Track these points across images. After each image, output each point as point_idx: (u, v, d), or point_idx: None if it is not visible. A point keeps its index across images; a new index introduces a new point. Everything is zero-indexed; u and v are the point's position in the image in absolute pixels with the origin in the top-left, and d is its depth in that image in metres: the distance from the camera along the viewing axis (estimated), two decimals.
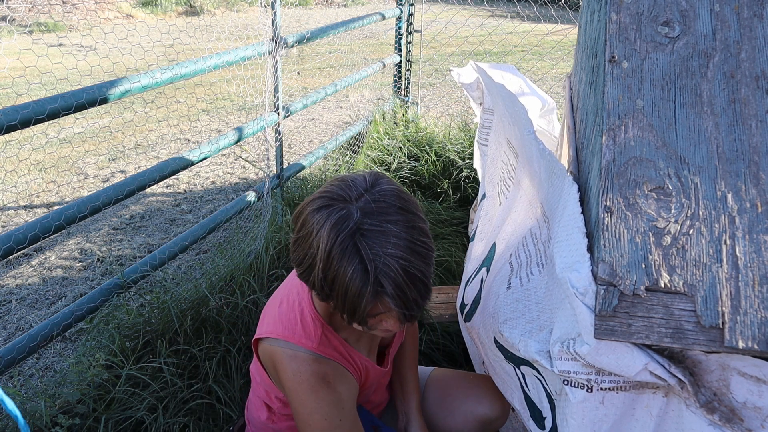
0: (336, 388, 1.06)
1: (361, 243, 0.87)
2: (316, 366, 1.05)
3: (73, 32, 9.07)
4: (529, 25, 8.62)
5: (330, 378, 1.06)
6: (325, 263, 0.88)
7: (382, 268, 0.86)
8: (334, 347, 1.10)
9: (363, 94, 5.60)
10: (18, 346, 1.80)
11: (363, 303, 0.88)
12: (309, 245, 0.90)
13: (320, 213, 0.90)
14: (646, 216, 0.80)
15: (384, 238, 0.87)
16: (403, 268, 0.87)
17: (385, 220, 0.88)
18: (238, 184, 4.06)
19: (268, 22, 2.59)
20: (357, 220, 0.88)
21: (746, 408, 0.78)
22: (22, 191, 3.85)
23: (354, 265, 0.86)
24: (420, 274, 0.89)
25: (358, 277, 0.86)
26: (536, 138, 1.10)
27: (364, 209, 0.89)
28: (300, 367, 1.05)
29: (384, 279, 0.87)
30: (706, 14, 0.92)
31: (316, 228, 0.89)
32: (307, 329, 1.08)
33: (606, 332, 0.77)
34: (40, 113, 1.66)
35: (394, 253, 0.87)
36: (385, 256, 0.86)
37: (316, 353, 1.06)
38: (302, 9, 12.36)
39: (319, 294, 0.94)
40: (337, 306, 0.92)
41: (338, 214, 0.88)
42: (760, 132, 0.83)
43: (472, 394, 1.36)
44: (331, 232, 0.87)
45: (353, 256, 0.86)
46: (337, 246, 0.87)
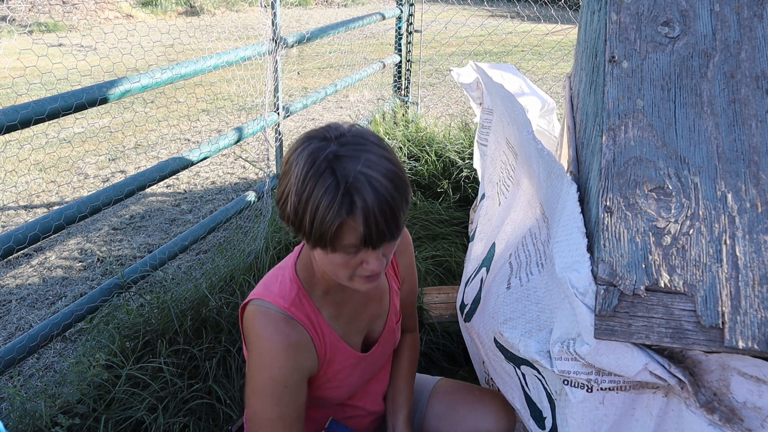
0: (294, 355, 1.05)
1: (337, 165, 0.89)
2: (283, 325, 1.05)
3: (73, 32, 9.07)
4: (529, 25, 8.62)
5: (292, 342, 1.05)
6: (299, 187, 0.90)
7: (354, 184, 0.88)
8: (306, 313, 1.09)
9: (363, 94, 5.60)
10: (18, 346, 1.80)
11: (331, 219, 0.88)
12: (288, 178, 0.93)
13: (300, 147, 0.94)
14: (646, 216, 0.80)
15: (360, 162, 0.90)
16: (373, 188, 0.89)
17: (363, 150, 0.91)
18: (238, 184, 4.06)
19: (268, 22, 2.59)
20: (334, 149, 0.90)
21: (746, 408, 0.78)
22: (22, 191, 3.86)
23: (327, 184, 0.88)
24: (391, 199, 0.90)
25: (330, 193, 0.88)
26: (535, 138, 1.10)
27: (342, 142, 0.92)
28: (267, 321, 1.05)
29: (355, 194, 0.88)
30: (706, 14, 0.92)
31: (294, 160, 0.92)
32: (283, 289, 1.09)
33: (606, 332, 0.77)
34: (40, 113, 1.66)
35: (367, 173, 0.89)
36: (357, 173, 0.88)
37: (287, 313, 1.06)
38: (302, 9, 12.36)
39: (291, 227, 0.95)
40: (306, 232, 0.92)
41: (317, 145, 0.92)
42: (760, 132, 0.83)
43: (478, 409, 1.34)
44: (308, 158, 0.90)
45: (327, 177, 0.88)
46: (314, 167, 0.89)
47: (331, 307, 1.14)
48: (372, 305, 1.23)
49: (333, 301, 1.14)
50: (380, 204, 0.89)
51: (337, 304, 1.15)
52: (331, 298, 1.14)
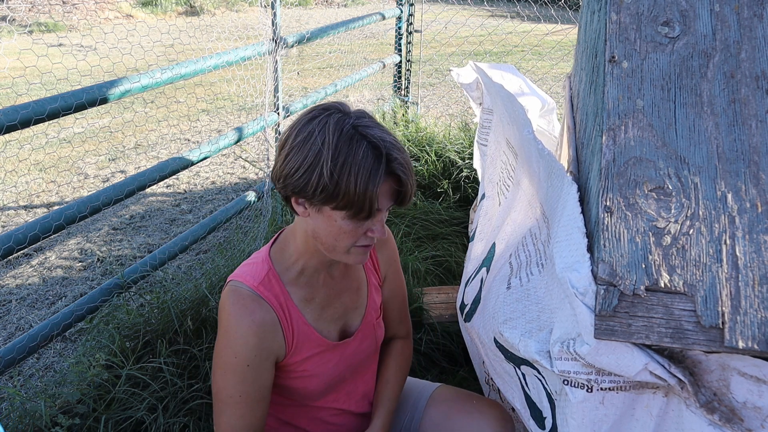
0: (258, 332, 1.07)
1: (365, 131, 0.97)
2: (250, 302, 1.07)
3: (73, 32, 9.07)
4: (529, 25, 8.62)
5: (257, 319, 1.07)
6: (333, 152, 0.94)
7: (390, 147, 0.97)
8: (275, 294, 1.11)
9: (363, 94, 5.60)
10: (18, 346, 1.80)
11: (378, 178, 0.95)
12: (310, 145, 0.96)
13: (318, 118, 0.98)
14: (646, 216, 0.80)
15: (379, 128, 0.99)
16: (400, 150, 0.99)
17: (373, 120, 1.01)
18: (238, 184, 4.06)
19: (268, 22, 2.59)
20: (354, 120, 0.98)
21: (746, 408, 0.78)
22: (22, 191, 3.85)
23: (363, 147, 0.95)
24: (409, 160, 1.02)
25: (370, 155, 0.95)
26: (535, 138, 1.10)
27: (356, 114, 1.00)
28: (234, 299, 1.07)
29: (395, 154, 0.97)
30: (706, 14, 0.92)
31: (317, 128, 0.96)
32: (254, 270, 1.11)
33: (606, 332, 0.77)
34: (40, 113, 1.66)
35: (390, 137, 0.99)
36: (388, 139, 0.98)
37: (255, 291, 1.08)
38: (302, 9, 12.36)
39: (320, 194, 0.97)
40: (345, 197, 0.96)
41: (337, 115, 0.98)
42: (760, 132, 0.83)
43: (476, 419, 1.31)
44: (336, 126, 0.96)
45: (361, 140, 0.96)
46: (344, 135, 0.95)
47: (303, 290, 1.15)
48: (347, 295, 1.23)
49: (305, 284, 1.15)
50: (409, 164, 1.00)
51: (310, 288, 1.16)
52: (304, 281, 1.15)
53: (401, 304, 1.39)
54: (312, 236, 1.07)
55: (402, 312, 1.39)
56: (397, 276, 1.36)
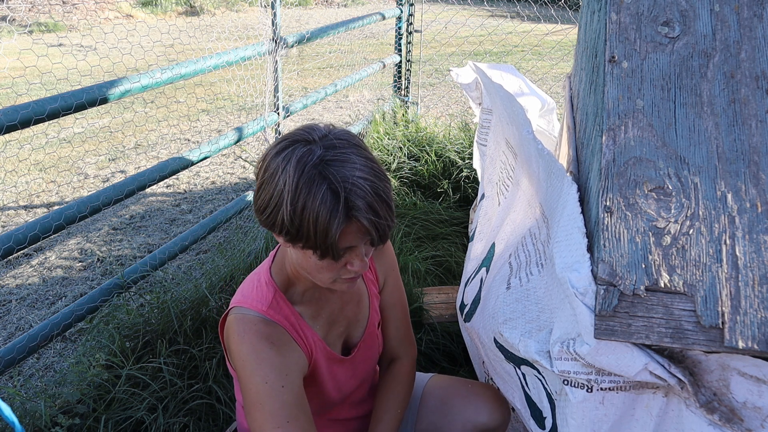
0: (280, 351, 1.03)
1: (328, 170, 0.90)
2: (262, 326, 1.03)
3: (73, 32, 9.06)
4: (529, 25, 8.61)
5: (275, 340, 1.03)
6: (293, 195, 0.89)
7: (351, 188, 0.89)
8: (285, 315, 1.08)
9: (363, 94, 5.59)
10: (18, 346, 1.80)
11: (335, 226, 0.89)
12: (275, 184, 0.91)
13: (284, 153, 0.92)
14: (646, 216, 0.80)
15: (348, 165, 0.91)
16: (371, 187, 0.91)
17: (345, 152, 0.92)
18: (238, 184, 4.06)
19: (268, 22, 2.59)
20: (320, 153, 0.91)
21: (746, 408, 0.78)
22: (22, 191, 3.85)
23: (323, 190, 0.88)
24: (384, 194, 0.93)
25: (328, 200, 0.89)
26: (535, 138, 1.10)
27: (325, 145, 0.92)
28: (246, 327, 1.03)
29: (355, 198, 0.90)
30: (706, 14, 0.92)
31: (281, 166, 0.91)
32: (260, 293, 1.08)
33: (606, 332, 0.77)
34: (40, 113, 1.66)
35: (359, 176, 0.91)
36: (352, 178, 0.90)
37: (266, 317, 1.05)
38: (302, 9, 12.36)
39: (286, 235, 0.93)
40: (308, 241, 0.92)
41: (302, 150, 0.91)
42: (760, 132, 0.83)
43: (472, 402, 1.33)
44: (297, 165, 0.90)
45: (321, 182, 0.89)
46: (304, 176, 0.89)
47: (310, 307, 1.13)
48: (349, 307, 1.21)
49: (311, 301, 1.13)
50: (380, 200, 0.91)
51: (316, 305, 1.15)
52: (309, 298, 1.13)
53: (402, 318, 1.33)
54: (297, 266, 1.04)
55: (402, 328, 1.33)
56: (395, 287, 1.31)
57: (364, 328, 1.24)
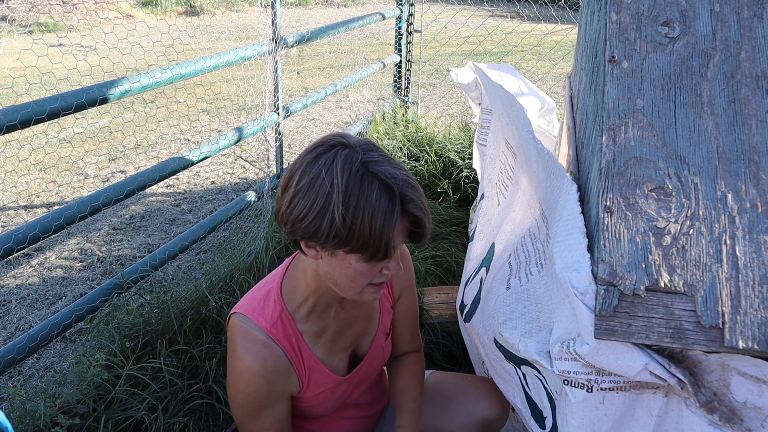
0: (270, 379, 1.07)
1: (375, 168, 0.91)
2: (264, 351, 1.06)
3: (73, 32, 9.06)
4: (529, 25, 8.61)
5: (268, 368, 1.06)
6: (344, 195, 0.89)
7: (403, 184, 0.92)
8: (286, 336, 1.09)
9: (363, 94, 5.59)
10: (18, 346, 1.80)
11: (393, 220, 0.91)
12: (318, 188, 0.90)
13: (324, 156, 0.92)
14: (646, 216, 0.80)
15: (390, 164, 0.93)
16: (414, 182, 0.94)
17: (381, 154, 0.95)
18: (238, 184, 4.06)
19: (268, 22, 2.59)
20: (361, 156, 0.92)
21: (746, 408, 0.78)
22: (22, 191, 3.85)
23: (376, 188, 0.90)
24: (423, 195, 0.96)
25: (384, 197, 0.90)
26: (534, 138, 1.10)
27: (362, 148, 0.94)
28: (250, 346, 1.06)
29: (408, 192, 0.92)
30: (706, 14, 0.92)
31: (324, 169, 0.91)
32: (266, 309, 1.09)
33: (606, 332, 0.77)
34: (40, 113, 1.66)
35: (404, 173, 0.93)
36: (401, 174, 0.92)
37: (267, 334, 1.07)
38: (302, 9, 12.36)
39: (333, 240, 0.92)
40: (359, 241, 0.91)
41: (344, 152, 0.92)
42: (760, 132, 0.83)
43: (472, 395, 1.35)
44: (344, 165, 0.90)
45: (372, 181, 0.90)
46: (353, 175, 0.90)
47: (315, 324, 1.13)
48: (358, 324, 1.21)
49: (316, 319, 1.13)
50: (424, 202, 0.95)
51: (321, 323, 1.14)
52: (315, 317, 1.12)
53: (413, 323, 1.34)
54: (324, 277, 1.03)
55: (413, 330, 1.35)
56: (410, 296, 1.31)
57: (372, 342, 1.24)
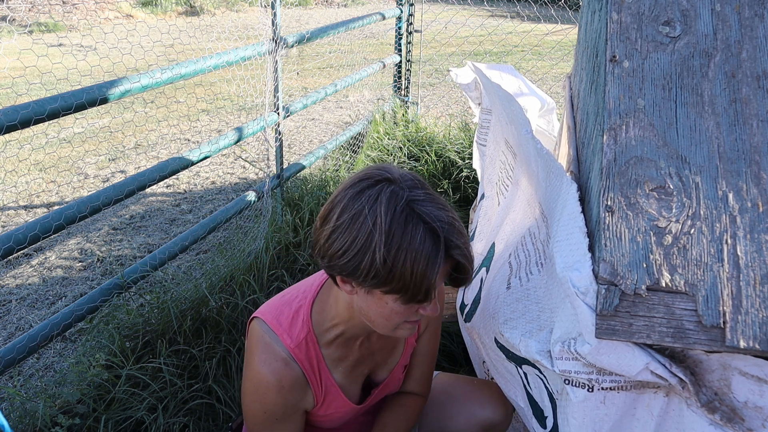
0: (287, 396, 1.06)
1: (420, 209, 0.88)
2: (283, 368, 1.05)
3: (73, 32, 9.06)
4: (529, 25, 8.61)
5: (286, 385, 1.05)
6: (387, 236, 0.86)
7: (448, 228, 0.89)
8: (308, 357, 1.08)
9: (363, 94, 5.59)
10: (18, 346, 1.79)
11: (437, 266, 0.88)
12: (359, 226, 0.88)
13: (367, 193, 0.89)
14: (647, 215, 0.80)
15: (435, 203, 0.90)
16: (459, 225, 0.91)
17: (424, 191, 0.92)
18: (238, 184, 4.06)
19: (268, 22, 2.59)
20: (407, 194, 0.89)
21: (747, 408, 0.78)
22: (22, 191, 3.85)
23: (420, 231, 0.87)
24: (465, 230, 0.93)
25: (428, 240, 0.87)
26: (534, 137, 1.10)
27: (407, 185, 0.91)
28: (269, 360, 1.05)
29: (453, 237, 0.89)
30: (707, 14, 0.92)
31: (367, 206, 0.88)
32: (294, 328, 1.07)
33: (607, 332, 0.77)
34: (40, 113, 1.66)
35: (451, 215, 0.90)
36: (447, 217, 0.89)
37: (290, 353, 1.06)
38: (302, 9, 12.36)
39: (372, 279, 0.90)
40: (400, 283, 0.89)
41: (389, 189, 0.89)
42: (761, 132, 0.83)
43: (476, 398, 1.34)
44: (389, 204, 0.87)
45: (417, 223, 0.87)
46: (398, 216, 0.87)
47: (339, 349, 1.12)
48: (381, 354, 1.20)
49: (341, 345, 1.12)
50: (468, 246, 0.91)
51: (345, 349, 1.13)
52: (340, 342, 1.11)
53: (428, 364, 1.31)
54: (358, 312, 1.01)
55: (426, 373, 1.31)
56: (433, 335, 1.28)
57: (390, 371, 1.24)
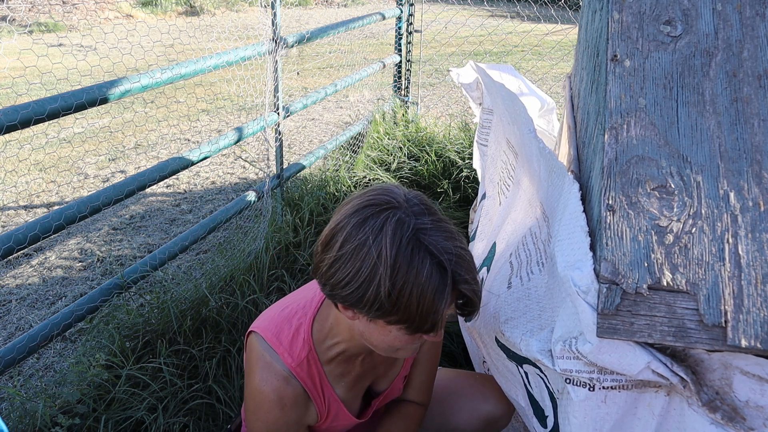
0: (290, 412, 1.05)
1: (427, 240, 0.85)
2: (284, 386, 1.03)
3: (73, 32, 9.06)
4: (529, 25, 8.62)
5: (288, 402, 1.04)
6: (392, 269, 0.83)
7: (456, 260, 0.86)
8: (310, 375, 1.07)
9: (363, 94, 5.59)
10: (18, 346, 1.79)
11: (444, 299, 0.86)
12: (363, 257, 0.84)
13: (370, 222, 0.86)
14: (649, 214, 0.80)
15: (443, 233, 0.87)
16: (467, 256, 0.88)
17: (432, 219, 0.88)
18: (238, 184, 4.06)
19: (268, 22, 2.59)
20: (414, 223, 0.86)
21: (749, 407, 0.78)
22: (22, 191, 3.85)
23: (427, 264, 0.84)
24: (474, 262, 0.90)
25: (435, 274, 0.84)
26: (536, 137, 1.10)
27: (413, 212, 0.87)
28: (269, 378, 1.03)
29: (461, 271, 0.86)
30: (709, 13, 0.91)
31: (371, 237, 0.84)
32: (294, 346, 1.05)
33: (608, 331, 0.77)
34: (40, 113, 1.66)
35: (455, 245, 0.87)
36: (454, 249, 0.86)
37: (291, 372, 1.04)
38: (302, 9, 12.36)
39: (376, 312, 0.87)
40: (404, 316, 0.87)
41: (393, 218, 0.86)
42: (762, 131, 0.83)
43: (478, 392, 1.35)
44: (394, 236, 0.84)
45: (425, 255, 0.84)
46: (403, 248, 0.84)
47: (341, 366, 1.11)
48: (382, 366, 1.20)
49: (343, 362, 1.11)
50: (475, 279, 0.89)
51: (346, 366, 1.12)
52: (342, 359, 1.10)
53: (429, 372, 1.29)
54: (359, 336, 0.99)
55: (427, 382, 1.29)
56: (435, 345, 1.26)
57: (390, 383, 1.23)
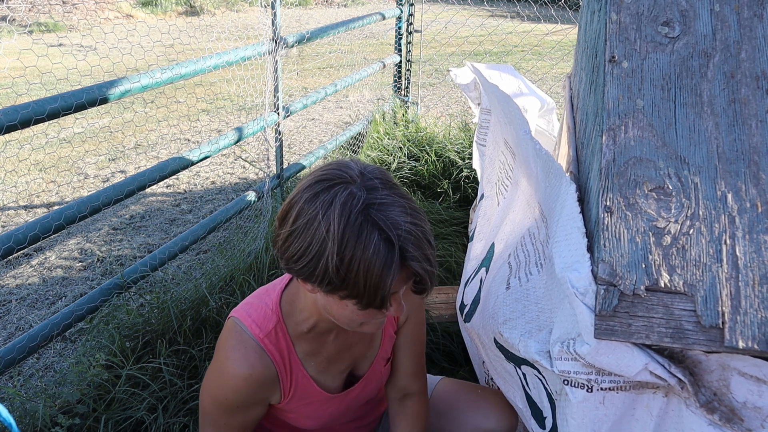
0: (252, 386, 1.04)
1: (377, 215, 0.84)
2: (252, 354, 1.03)
3: (73, 32, 9.06)
4: (529, 25, 8.62)
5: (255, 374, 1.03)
6: (339, 244, 0.83)
7: (405, 236, 0.85)
8: (279, 348, 1.06)
9: (363, 94, 5.60)
10: (18, 346, 1.80)
11: (391, 275, 0.85)
12: (313, 232, 0.85)
13: (321, 197, 0.86)
14: (646, 216, 0.80)
15: (395, 208, 0.86)
16: (421, 233, 0.87)
17: (387, 193, 0.87)
18: (238, 184, 4.06)
19: (268, 22, 2.59)
20: (364, 197, 0.85)
21: (746, 408, 0.78)
22: (22, 191, 3.85)
23: (375, 239, 0.83)
24: (431, 238, 0.89)
25: (382, 249, 0.84)
26: (532, 138, 1.10)
27: (366, 186, 0.87)
28: (238, 345, 1.03)
29: (409, 246, 0.85)
30: (706, 14, 0.92)
31: (320, 212, 0.85)
32: (263, 318, 1.06)
33: (606, 332, 0.77)
34: (40, 113, 1.66)
35: (409, 221, 0.86)
36: (404, 224, 0.85)
37: (260, 344, 1.04)
38: (302, 9, 12.35)
39: (326, 286, 0.88)
40: (354, 291, 0.87)
41: (344, 194, 0.85)
42: (760, 132, 0.83)
43: (481, 407, 1.32)
44: (342, 211, 0.83)
45: (372, 230, 0.84)
46: (351, 223, 0.83)
47: (310, 344, 1.10)
48: (358, 347, 1.18)
49: (314, 339, 1.10)
50: (427, 255, 0.87)
51: (318, 344, 1.11)
52: (313, 336, 1.09)
53: (417, 354, 1.27)
54: (323, 309, 0.99)
55: (417, 364, 1.27)
56: (415, 324, 1.24)
57: (371, 364, 1.22)
